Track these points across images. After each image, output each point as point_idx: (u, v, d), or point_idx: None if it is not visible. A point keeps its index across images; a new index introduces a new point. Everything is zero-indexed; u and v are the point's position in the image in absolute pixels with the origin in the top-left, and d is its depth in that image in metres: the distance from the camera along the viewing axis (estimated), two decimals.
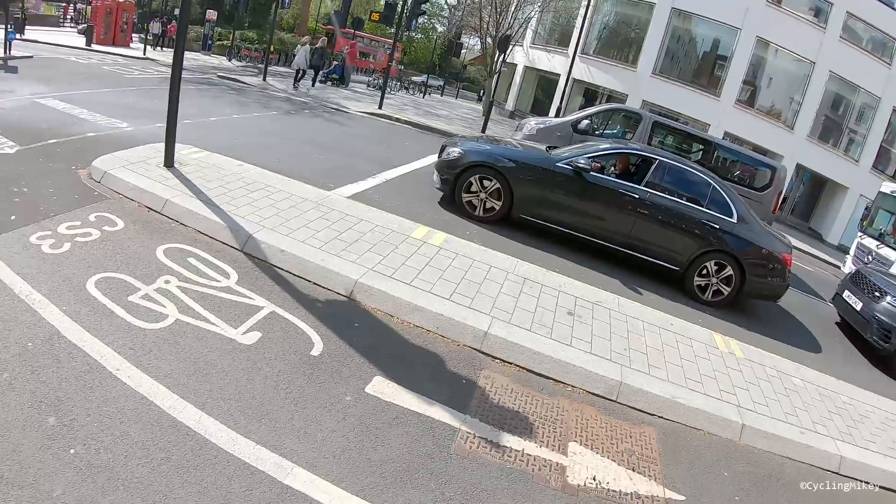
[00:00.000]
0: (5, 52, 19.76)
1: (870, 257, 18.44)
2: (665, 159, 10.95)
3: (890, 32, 33.72)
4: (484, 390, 5.65)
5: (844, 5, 32.90)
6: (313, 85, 30.08)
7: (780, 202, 16.39)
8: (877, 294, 11.46)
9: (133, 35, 34.94)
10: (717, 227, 10.40)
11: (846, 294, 12.34)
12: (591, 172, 10.48)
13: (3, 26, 20.42)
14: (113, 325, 4.98)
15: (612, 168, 11.21)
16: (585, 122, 16.53)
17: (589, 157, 10.65)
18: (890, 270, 16.42)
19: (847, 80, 34.12)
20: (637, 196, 10.46)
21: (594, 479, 4.92)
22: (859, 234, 20.00)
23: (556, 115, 26.65)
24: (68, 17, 46.66)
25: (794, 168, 34.21)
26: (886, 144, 35.37)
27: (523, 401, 5.70)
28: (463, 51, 64.45)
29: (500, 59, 33.12)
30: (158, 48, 35.45)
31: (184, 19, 9.31)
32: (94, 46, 28.76)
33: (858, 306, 11.67)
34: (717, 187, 10.74)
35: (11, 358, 4.32)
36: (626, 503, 4.80)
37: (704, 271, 10.54)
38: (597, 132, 16.52)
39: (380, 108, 24.75)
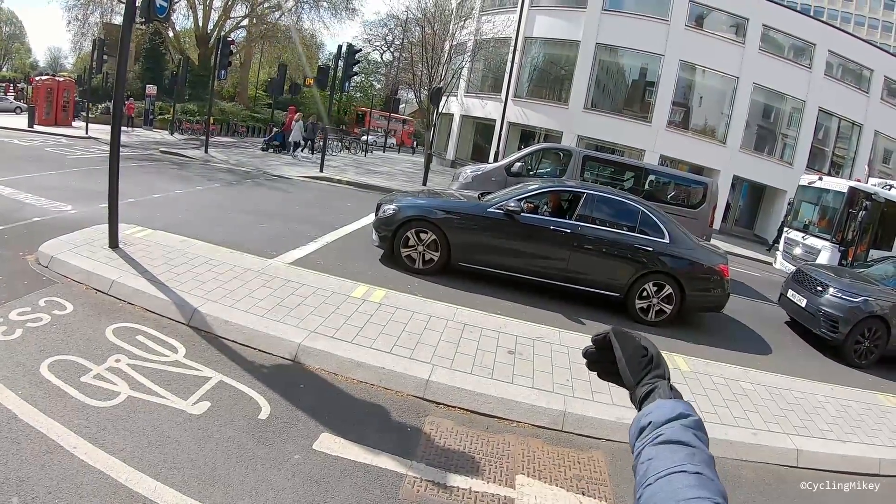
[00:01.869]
0: None
1: (797, 249, 19.14)
2: (592, 191, 11.33)
3: (807, 38, 35.28)
4: (429, 435, 5.85)
5: (760, 19, 34.48)
6: (312, 153, 33.42)
7: (714, 216, 16.93)
8: (819, 288, 11.97)
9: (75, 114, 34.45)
10: (651, 249, 10.78)
11: (790, 293, 12.85)
12: (523, 213, 10.80)
13: None
14: (68, 405, 5.11)
15: (545, 206, 11.60)
16: (518, 164, 16.88)
17: (518, 200, 10.98)
18: (818, 259, 17.14)
19: (771, 88, 35.66)
20: (569, 231, 10.81)
21: None
22: (786, 229, 20.80)
23: (495, 160, 27.15)
24: (9, 96, 46.09)
25: (731, 180, 35.24)
26: (819, 144, 36.66)
27: (469, 441, 5.90)
28: (402, 105, 65.04)
29: (435, 111, 33.62)
30: (125, 128, 34.39)
31: (119, 98, 9.53)
32: (37, 127, 28.50)
33: (803, 303, 12.18)
34: (646, 211, 11.14)
35: None
36: None
37: (644, 293, 10.89)
38: (531, 173, 16.84)
39: (321, 171, 25.03)
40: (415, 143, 64.69)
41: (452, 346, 7.65)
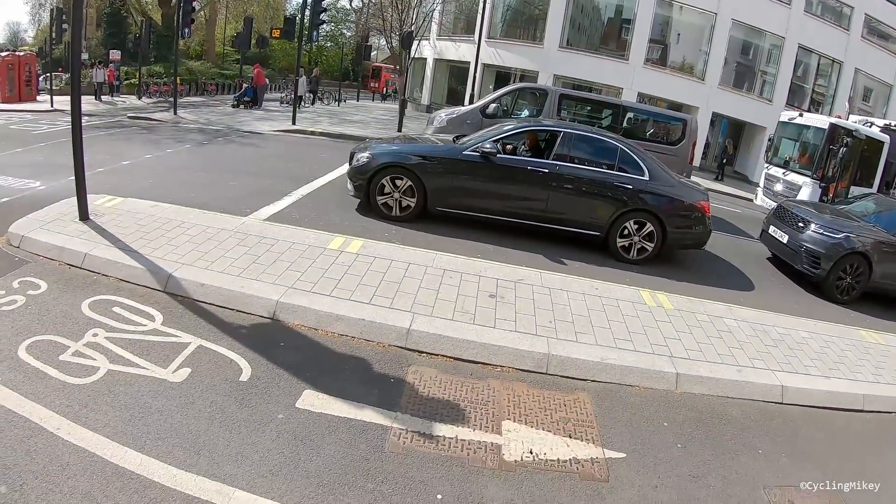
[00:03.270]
0: None
1: (778, 186, 19.20)
2: (569, 130, 11.23)
3: None
4: (413, 385, 5.86)
5: None
6: (313, 103, 36.09)
7: (694, 153, 16.90)
8: (800, 224, 12.01)
9: (39, 87, 33.70)
10: (631, 186, 10.71)
11: (772, 229, 12.89)
12: (499, 155, 10.69)
13: None
14: (48, 386, 5.06)
15: (522, 147, 11.51)
16: (493, 106, 16.79)
17: (494, 141, 10.85)
18: (799, 196, 17.21)
19: (751, 25, 35.46)
20: (546, 170, 10.72)
21: (531, 452, 5.13)
22: (766, 165, 20.82)
23: (470, 103, 27.00)
24: None
25: (710, 117, 35.14)
26: (799, 81, 36.54)
27: (453, 388, 5.92)
28: (373, 52, 64.34)
29: (408, 56, 33.23)
30: (105, 97, 33.98)
31: (75, 65, 9.26)
32: (0, 106, 28.00)
33: (785, 239, 12.24)
34: (625, 149, 11.04)
35: None
36: (566, 469, 5.03)
37: (625, 231, 10.86)
38: (506, 114, 16.70)
39: (293, 123, 24.75)
40: (386, 89, 63.68)
41: (433, 293, 7.62)
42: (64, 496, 4.01)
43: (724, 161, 33.00)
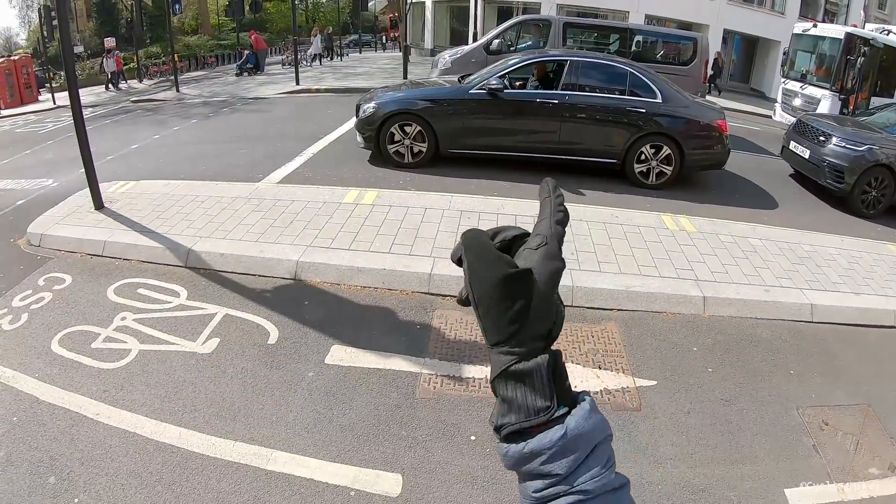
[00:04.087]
0: None
1: (796, 100, 18.76)
2: (575, 58, 10.98)
3: None
4: (439, 330, 5.89)
5: None
6: (332, 59, 38.93)
7: (707, 72, 16.54)
8: (822, 139, 11.65)
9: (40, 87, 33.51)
10: (644, 110, 10.53)
11: (793, 145, 12.52)
12: (506, 90, 10.54)
13: None
14: (83, 375, 5.15)
15: (531, 80, 11.34)
16: (497, 41, 16.39)
17: (500, 76, 10.70)
18: (818, 109, 16.79)
19: None
20: (556, 101, 10.57)
21: None
22: (783, 80, 20.27)
23: (474, 42, 26.65)
24: None
25: (722, 34, 34.21)
26: None
27: (479, 329, 5.91)
28: (371, 2, 63.40)
29: (406, 1, 32.74)
30: (121, 85, 33.43)
31: (68, 56, 9.23)
32: (3, 112, 27.53)
33: (807, 154, 11.89)
34: (635, 72, 10.82)
35: (2, 436, 4.48)
36: (597, 401, 5.03)
37: (642, 157, 10.70)
38: (511, 49, 16.32)
39: (297, 84, 24.50)
40: (384, 38, 62.89)
41: (451, 236, 7.59)
42: (110, 478, 4.10)
43: (714, 73, 31.96)
